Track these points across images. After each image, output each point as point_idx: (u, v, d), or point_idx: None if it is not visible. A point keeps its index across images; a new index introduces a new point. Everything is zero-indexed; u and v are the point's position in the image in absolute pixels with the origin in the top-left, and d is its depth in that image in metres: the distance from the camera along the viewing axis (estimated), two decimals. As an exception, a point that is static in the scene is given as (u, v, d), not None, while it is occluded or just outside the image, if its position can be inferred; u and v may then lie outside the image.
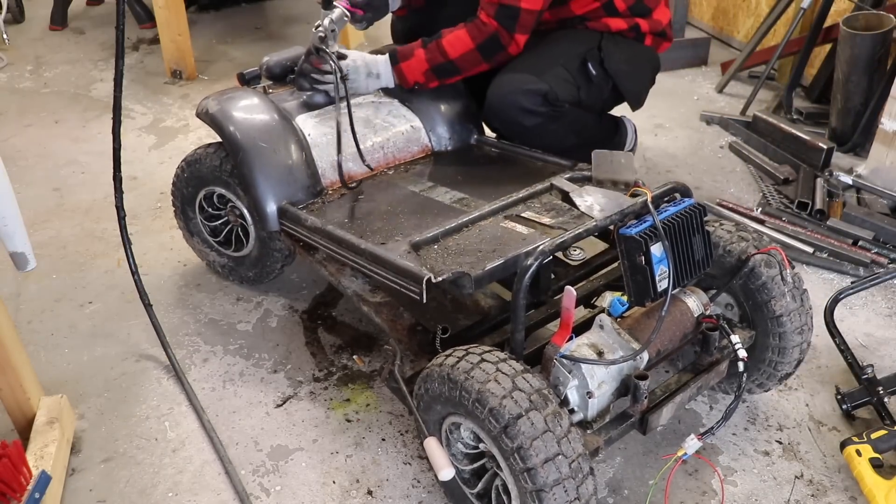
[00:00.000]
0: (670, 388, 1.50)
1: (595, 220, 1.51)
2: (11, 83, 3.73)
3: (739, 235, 1.64)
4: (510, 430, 1.25)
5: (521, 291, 1.39)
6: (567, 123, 2.16)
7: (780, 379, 1.71)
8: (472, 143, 2.20)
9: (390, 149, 2.08)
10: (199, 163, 2.08)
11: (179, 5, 3.56)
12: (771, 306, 1.59)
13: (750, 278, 1.60)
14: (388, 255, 1.59)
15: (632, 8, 2.19)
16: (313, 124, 2.01)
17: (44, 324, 2.12)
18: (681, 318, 1.53)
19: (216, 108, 1.96)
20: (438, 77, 2.07)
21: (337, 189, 1.95)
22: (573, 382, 1.37)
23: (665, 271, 1.41)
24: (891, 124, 2.55)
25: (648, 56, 2.30)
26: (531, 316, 1.70)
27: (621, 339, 1.42)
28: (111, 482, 1.65)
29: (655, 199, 1.51)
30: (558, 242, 1.43)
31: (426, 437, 1.44)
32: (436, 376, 1.38)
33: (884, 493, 1.54)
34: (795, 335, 1.62)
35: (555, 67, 2.10)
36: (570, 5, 2.16)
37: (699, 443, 1.45)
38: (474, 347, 1.38)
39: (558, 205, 1.73)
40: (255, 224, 2.05)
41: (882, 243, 2.38)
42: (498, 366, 1.31)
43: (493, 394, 1.27)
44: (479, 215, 1.71)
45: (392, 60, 2.06)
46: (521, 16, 1.97)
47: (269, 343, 2.05)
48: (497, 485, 1.42)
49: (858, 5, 2.98)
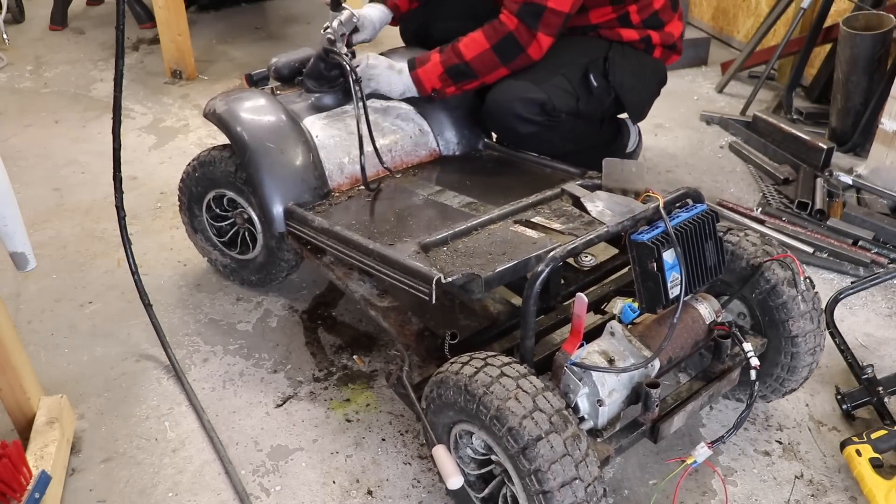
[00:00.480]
0: (682, 396, 1.48)
1: (606, 225, 1.48)
2: (11, 83, 3.73)
3: (765, 249, 1.61)
4: (529, 452, 1.22)
5: (531, 297, 1.36)
6: (564, 132, 2.14)
7: (785, 393, 1.71)
8: (480, 148, 2.19)
9: (398, 152, 2.07)
10: (212, 165, 2.06)
11: (179, 5, 3.56)
12: (788, 326, 1.57)
13: (770, 295, 1.57)
14: (397, 255, 1.58)
15: (646, 21, 2.17)
16: (321, 126, 2.01)
17: (44, 324, 2.12)
18: (692, 325, 1.51)
19: (224, 109, 1.95)
20: (455, 81, 2.03)
21: (344, 192, 1.95)
22: (584, 390, 1.35)
23: (677, 278, 1.39)
24: (891, 124, 2.55)
25: (655, 69, 2.28)
26: (541, 321, 1.67)
27: (632, 347, 1.40)
28: (111, 482, 1.65)
29: (667, 205, 1.48)
30: (570, 248, 1.41)
31: (434, 445, 1.42)
32: (451, 384, 1.34)
33: (884, 493, 1.54)
34: (807, 356, 1.61)
35: (555, 77, 2.08)
36: (589, 14, 2.14)
37: (709, 451, 1.42)
38: (492, 358, 1.34)
39: (569, 210, 1.71)
40: (265, 231, 2.04)
41: (882, 243, 2.38)
42: (518, 382, 1.28)
43: (514, 413, 1.24)
44: (488, 219, 1.69)
45: (410, 66, 2.03)
46: (546, 15, 1.93)
47: (269, 343, 2.05)
48: (505, 493, 1.41)
49: (858, 5, 2.98)
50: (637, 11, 2.15)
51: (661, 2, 2.17)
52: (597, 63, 2.14)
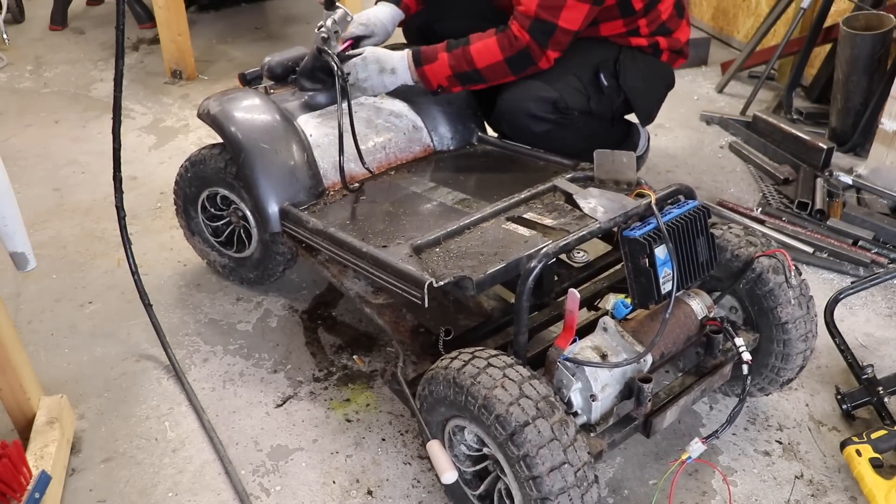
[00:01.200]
0: (674, 391, 1.49)
1: (599, 222, 1.50)
2: (11, 83, 3.73)
3: (748, 240, 1.63)
4: (516, 437, 1.24)
5: (524, 294, 1.38)
6: (576, 130, 2.15)
7: (782, 384, 1.71)
8: (474, 142, 2.20)
9: (392, 149, 2.08)
10: (203, 163, 2.07)
11: (179, 5, 3.56)
12: (777, 313, 1.58)
13: (757, 284, 1.58)
14: (390, 258, 1.59)
15: (654, 31, 2.19)
16: (315, 125, 2.01)
17: (44, 324, 2.12)
18: (685, 321, 1.52)
19: (217, 109, 1.96)
20: (462, 83, 2.04)
21: (339, 190, 1.95)
22: (577, 385, 1.36)
23: (669, 274, 1.40)
24: (891, 124, 2.55)
25: (663, 72, 2.29)
26: (534, 318, 1.69)
27: (625, 342, 1.41)
28: (111, 482, 1.65)
29: (659, 201, 1.50)
30: (562, 245, 1.43)
31: (429, 440, 1.44)
32: (441, 379, 1.37)
33: (884, 493, 1.54)
34: (800, 342, 1.61)
35: (566, 76, 2.08)
36: (600, 27, 2.14)
37: (703, 446, 1.44)
38: (480, 351, 1.37)
39: (561, 206, 1.72)
40: (258, 227, 2.04)
41: (882, 243, 2.38)
42: (505, 371, 1.30)
43: (500, 400, 1.26)
44: (480, 217, 1.70)
45: (416, 61, 2.02)
46: (557, 33, 1.94)
47: (269, 343, 2.05)
48: (500, 488, 1.42)
49: (858, 5, 2.98)
50: (647, 24, 2.16)
51: (669, 12, 2.18)
52: (607, 64, 2.15)
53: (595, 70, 2.14)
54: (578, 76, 2.11)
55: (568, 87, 2.09)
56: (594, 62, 2.14)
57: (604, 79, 2.14)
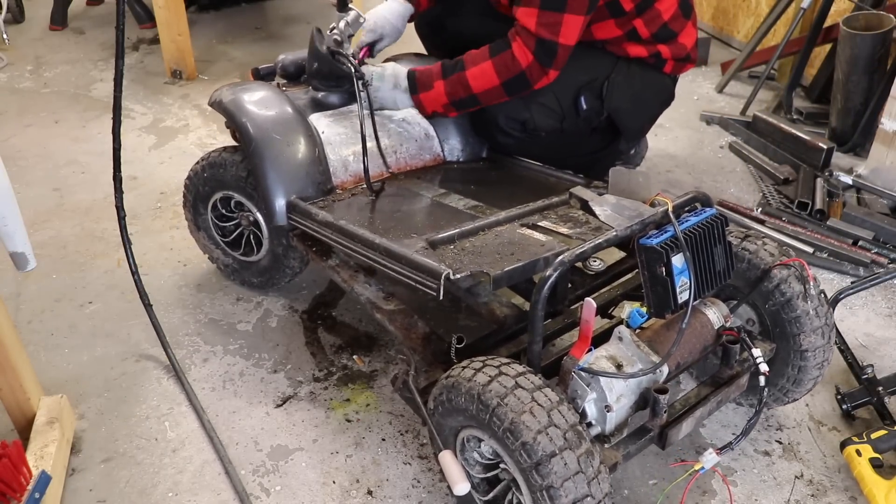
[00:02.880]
0: (690, 402, 1.46)
1: (615, 229, 1.45)
2: (11, 83, 3.73)
3: (769, 251, 1.60)
4: (542, 468, 1.21)
5: (539, 302, 1.34)
6: (544, 144, 2.13)
7: (787, 402, 1.71)
8: (484, 156, 2.19)
9: (402, 154, 2.07)
10: (222, 167, 2.04)
11: (179, 5, 3.56)
12: (799, 340, 1.56)
13: (784, 309, 1.56)
14: (405, 250, 1.55)
15: (656, 34, 2.10)
16: (327, 123, 2.00)
17: (44, 324, 2.12)
18: (701, 331, 1.49)
19: (230, 98, 1.94)
20: (458, 109, 2.04)
21: (347, 189, 1.94)
22: (591, 396, 1.34)
23: (686, 283, 1.37)
24: (891, 124, 2.55)
25: (660, 87, 2.22)
26: (548, 326, 1.65)
27: (640, 352, 1.39)
28: (111, 482, 1.65)
29: (676, 209, 1.46)
30: (578, 252, 1.38)
31: (441, 451, 1.41)
32: (463, 391, 1.32)
33: (884, 493, 1.54)
34: (815, 370, 1.61)
35: (545, 95, 2.04)
36: (592, 30, 2.07)
37: (717, 457, 1.42)
38: (506, 366, 1.32)
39: (575, 216, 1.69)
40: (271, 236, 2.03)
41: (882, 243, 2.39)
42: (534, 395, 1.26)
43: (528, 427, 1.23)
44: (495, 220, 1.68)
45: (411, 89, 2.02)
46: (559, 52, 1.91)
47: (269, 343, 2.05)
48: (511, 499, 1.40)
49: (858, 5, 2.98)
50: (644, 25, 2.08)
51: (671, 11, 2.09)
52: (593, 85, 2.09)
53: (577, 92, 2.08)
54: (559, 97, 2.07)
55: (543, 108, 2.06)
56: (580, 83, 2.08)
57: (584, 102, 2.09)
